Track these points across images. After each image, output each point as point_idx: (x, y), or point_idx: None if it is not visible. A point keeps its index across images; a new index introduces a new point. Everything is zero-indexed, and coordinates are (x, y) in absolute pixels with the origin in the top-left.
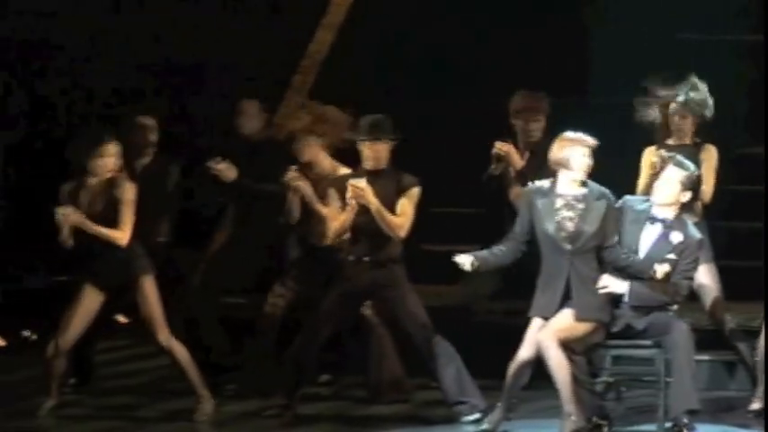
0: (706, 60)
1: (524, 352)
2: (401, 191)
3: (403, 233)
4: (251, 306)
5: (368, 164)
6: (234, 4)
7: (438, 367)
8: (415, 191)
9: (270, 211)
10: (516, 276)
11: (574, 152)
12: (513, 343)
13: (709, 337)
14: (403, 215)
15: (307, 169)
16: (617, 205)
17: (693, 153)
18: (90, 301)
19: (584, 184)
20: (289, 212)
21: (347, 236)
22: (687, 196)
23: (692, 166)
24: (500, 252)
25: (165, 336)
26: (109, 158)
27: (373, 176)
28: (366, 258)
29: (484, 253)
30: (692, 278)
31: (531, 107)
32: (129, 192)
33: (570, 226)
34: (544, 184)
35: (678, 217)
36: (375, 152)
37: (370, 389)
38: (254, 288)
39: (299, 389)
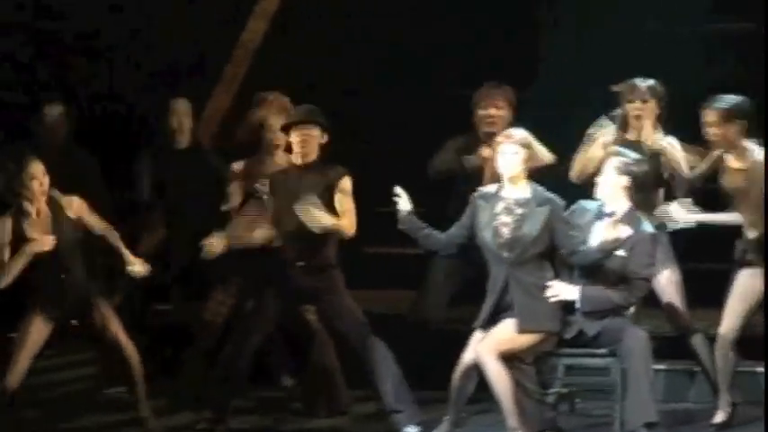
0: (675, 51)
1: (467, 359)
2: (331, 185)
3: (353, 231)
4: (182, 312)
5: (297, 156)
6: None
7: (377, 373)
8: (347, 181)
9: (200, 211)
10: (475, 282)
11: (501, 150)
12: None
13: (669, 345)
14: (346, 213)
15: (261, 166)
16: (571, 209)
17: (652, 149)
18: (39, 334)
19: (530, 187)
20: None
21: (279, 239)
22: (624, 181)
23: (632, 154)
24: (437, 237)
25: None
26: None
27: (301, 172)
28: (300, 263)
29: (423, 225)
30: (647, 278)
31: (493, 95)
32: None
33: (506, 232)
34: (491, 188)
35: (630, 211)
36: (306, 139)
37: (306, 401)
38: (188, 294)
39: (230, 401)
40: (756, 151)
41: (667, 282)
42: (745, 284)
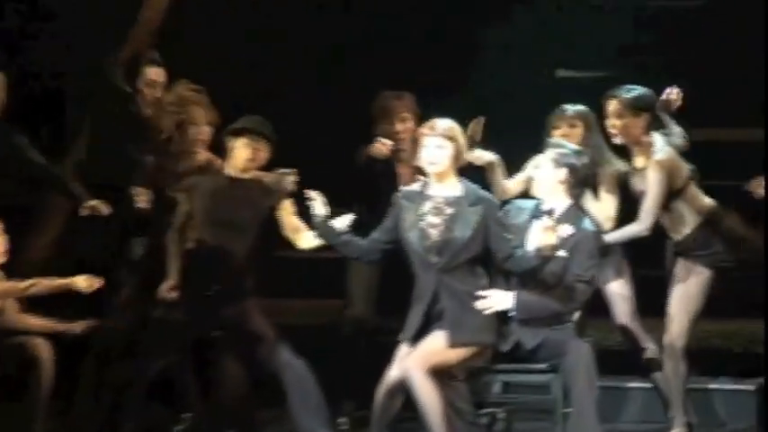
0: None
1: (393, 375)
2: (272, 202)
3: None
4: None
5: (237, 167)
6: None
7: (290, 395)
8: (288, 201)
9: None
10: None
11: (425, 143)
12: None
13: (616, 359)
14: (297, 231)
15: (174, 162)
16: (505, 209)
17: None
18: None
19: (461, 184)
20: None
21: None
22: (562, 174)
23: (570, 145)
24: (357, 243)
25: None
26: None
27: (234, 185)
28: (216, 287)
29: (340, 230)
30: (589, 280)
31: (396, 107)
32: None
33: (435, 234)
34: (415, 186)
35: (570, 208)
36: (255, 154)
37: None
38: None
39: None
40: (659, 147)
41: (617, 291)
42: (680, 282)
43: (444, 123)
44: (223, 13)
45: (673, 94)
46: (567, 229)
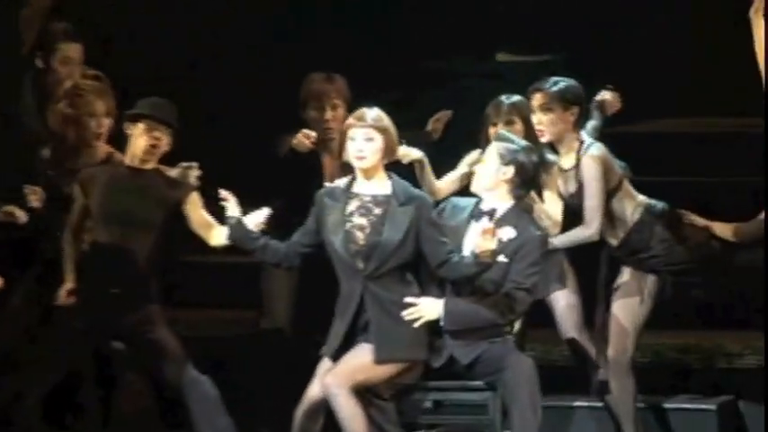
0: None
1: (313, 392)
2: (177, 197)
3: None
4: None
5: (136, 157)
6: None
7: (194, 415)
8: (195, 194)
9: None
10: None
11: (352, 135)
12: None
13: (562, 375)
14: (208, 227)
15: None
16: (439, 208)
17: None
18: None
19: (390, 182)
20: None
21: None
22: (509, 172)
23: (519, 140)
24: (275, 247)
25: None
26: None
27: (134, 176)
28: (114, 291)
29: (257, 233)
30: (529, 289)
31: (326, 91)
32: None
33: (361, 237)
34: (340, 182)
35: (514, 209)
36: (157, 143)
37: None
38: None
39: None
40: (589, 142)
41: (563, 304)
42: (621, 291)
43: (373, 113)
44: None
45: (608, 95)
46: (508, 233)
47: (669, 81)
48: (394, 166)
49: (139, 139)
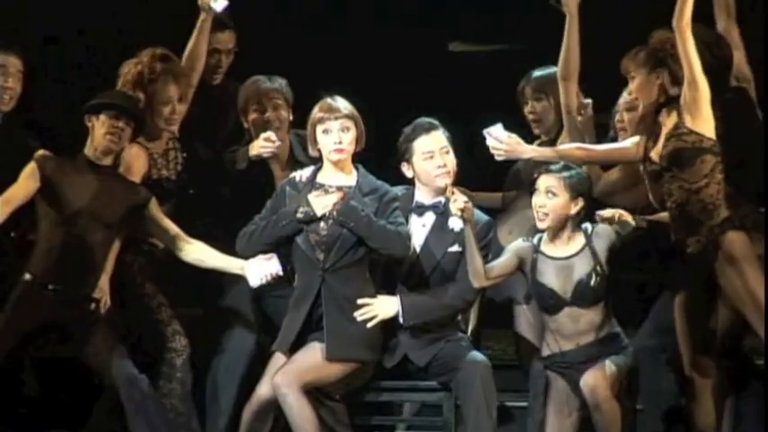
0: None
1: (264, 389)
2: (136, 200)
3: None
4: None
5: (100, 148)
6: None
7: (129, 413)
8: (155, 201)
9: None
10: None
11: (327, 127)
12: None
13: (519, 375)
14: (176, 237)
15: None
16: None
17: None
18: None
19: (355, 172)
20: None
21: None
22: (451, 162)
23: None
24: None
25: None
26: None
27: (93, 169)
28: (55, 287)
29: None
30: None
31: (268, 92)
32: None
33: (323, 228)
34: (305, 172)
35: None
36: (118, 133)
37: None
38: None
39: None
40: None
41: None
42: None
43: (342, 103)
44: None
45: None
46: (458, 222)
47: None
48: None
49: (100, 131)
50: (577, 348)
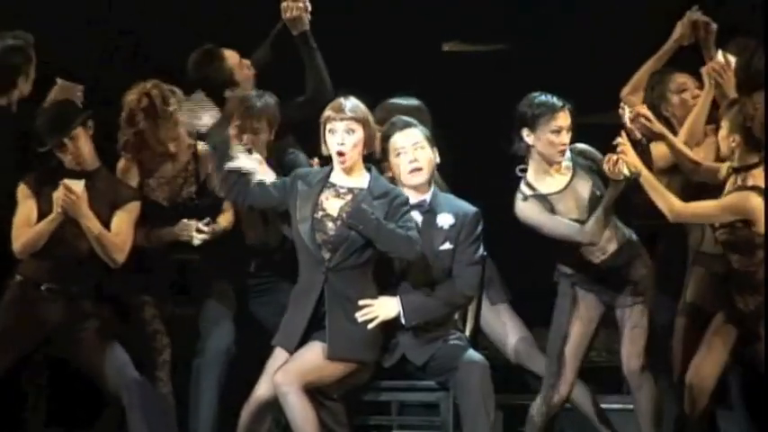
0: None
1: (262, 390)
2: (117, 203)
3: (122, 258)
4: None
5: (72, 159)
6: None
7: (130, 417)
8: (135, 205)
9: None
10: None
11: (332, 128)
12: None
13: (516, 375)
14: (119, 234)
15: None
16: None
17: None
18: None
19: (367, 175)
20: None
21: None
22: (424, 158)
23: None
24: (247, 185)
25: None
26: None
27: (85, 177)
28: (48, 286)
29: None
30: (479, 262)
31: (254, 111)
32: None
33: (331, 228)
34: (317, 169)
35: (437, 194)
36: (74, 150)
37: None
38: None
39: None
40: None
41: (493, 307)
42: None
43: (352, 103)
44: None
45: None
46: (447, 219)
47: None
48: None
49: (88, 141)
50: (605, 258)
